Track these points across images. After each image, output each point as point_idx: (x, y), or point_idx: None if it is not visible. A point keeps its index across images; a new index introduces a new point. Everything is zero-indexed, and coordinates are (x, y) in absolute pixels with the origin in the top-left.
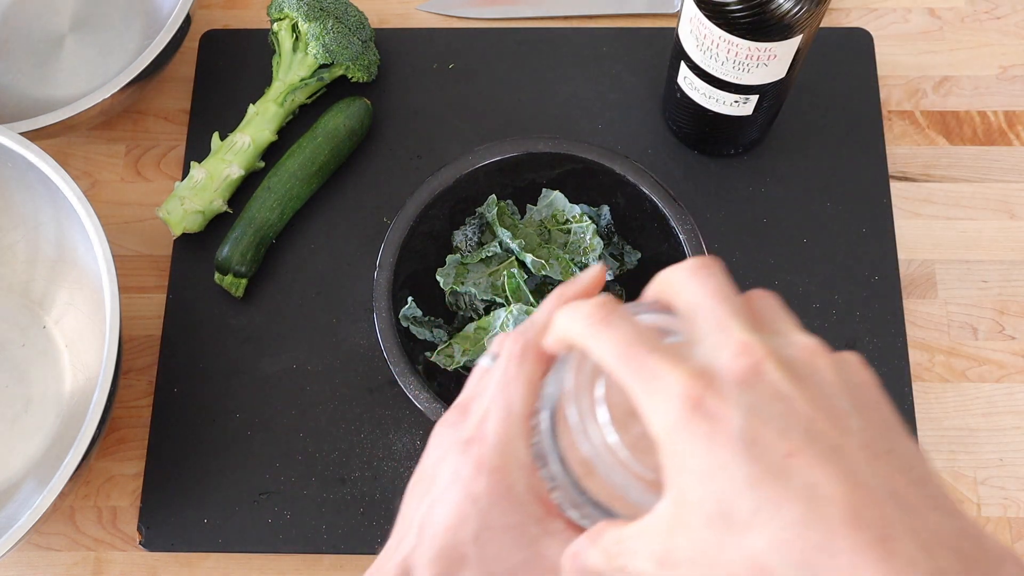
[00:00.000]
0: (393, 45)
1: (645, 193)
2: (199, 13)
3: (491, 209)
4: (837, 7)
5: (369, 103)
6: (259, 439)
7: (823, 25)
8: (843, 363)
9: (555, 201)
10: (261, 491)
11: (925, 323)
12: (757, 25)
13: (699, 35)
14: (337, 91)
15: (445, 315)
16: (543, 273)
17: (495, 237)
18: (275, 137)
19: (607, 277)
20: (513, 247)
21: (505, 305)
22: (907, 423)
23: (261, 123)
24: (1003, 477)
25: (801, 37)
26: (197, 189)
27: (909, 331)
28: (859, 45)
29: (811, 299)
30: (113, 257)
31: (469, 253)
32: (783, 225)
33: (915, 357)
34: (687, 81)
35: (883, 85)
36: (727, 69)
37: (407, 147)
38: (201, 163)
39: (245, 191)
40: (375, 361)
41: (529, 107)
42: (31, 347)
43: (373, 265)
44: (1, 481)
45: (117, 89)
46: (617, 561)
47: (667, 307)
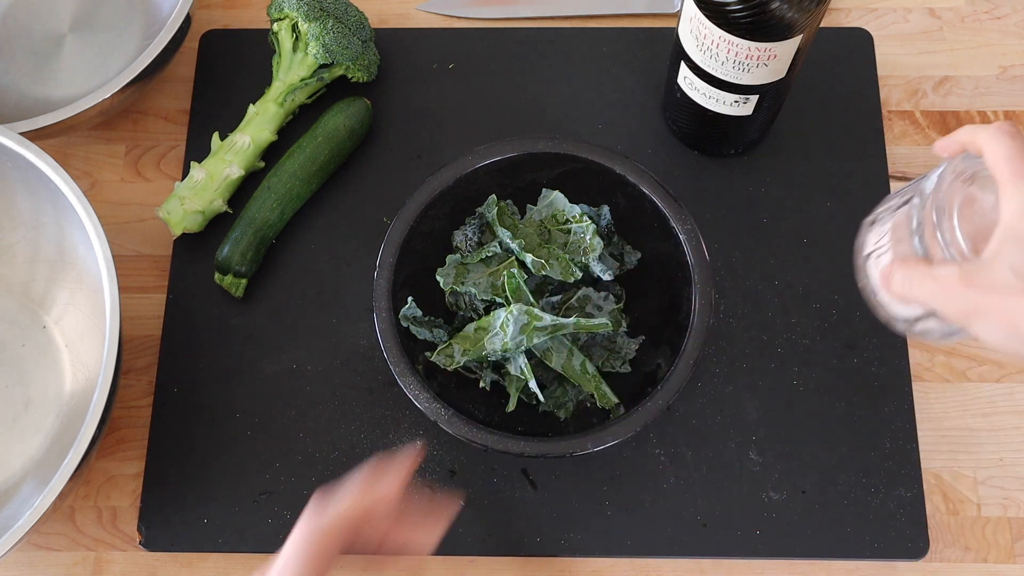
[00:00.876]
0: (393, 45)
1: (645, 193)
2: (199, 13)
3: (491, 209)
4: (837, 7)
5: (369, 103)
6: (259, 439)
7: (823, 25)
8: None
9: (555, 201)
10: (261, 491)
11: None
12: (757, 25)
13: (699, 35)
14: (337, 91)
15: (445, 315)
16: (543, 273)
17: (495, 237)
18: (275, 137)
19: (607, 277)
20: (513, 247)
21: (505, 305)
22: (907, 423)
23: (261, 123)
24: (1003, 477)
25: (801, 37)
26: (197, 189)
27: None
28: (859, 45)
29: (811, 299)
30: (113, 257)
31: (469, 253)
32: (783, 225)
33: (915, 357)
34: (687, 81)
35: (883, 85)
36: (727, 69)
37: (407, 147)
38: (201, 163)
39: (245, 191)
40: (375, 361)
41: (529, 107)
42: (31, 347)
43: (373, 265)
44: (1, 481)
45: (117, 89)
46: (945, 291)
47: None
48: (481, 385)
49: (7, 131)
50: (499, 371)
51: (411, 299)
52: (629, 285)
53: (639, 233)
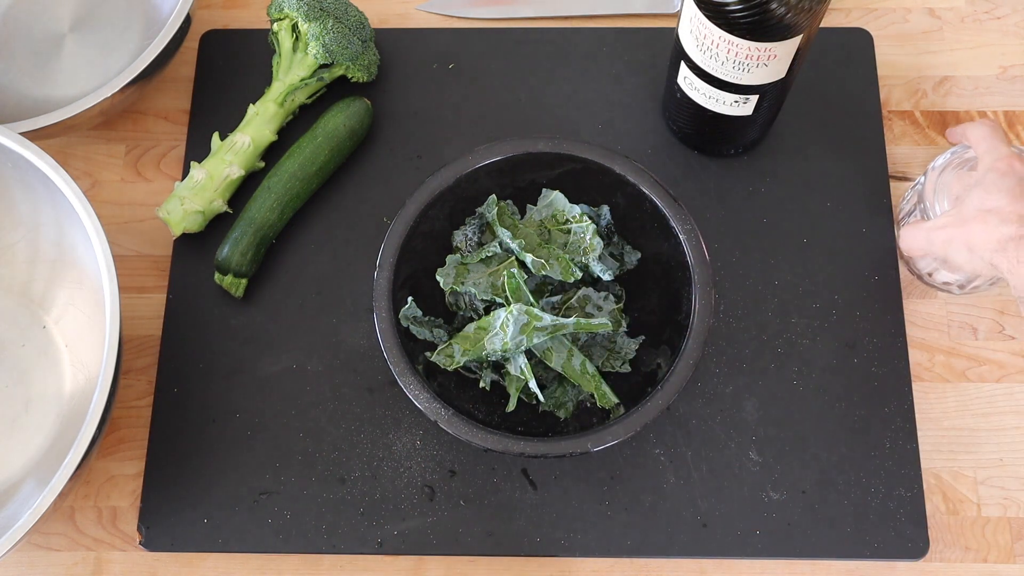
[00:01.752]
0: (393, 45)
1: (645, 193)
2: (199, 13)
3: (491, 209)
4: (837, 7)
5: (369, 103)
6: (259, 439)
7: (823, 25)
8: None
9: (555, 201)
10: (261, 491)
11: (925, 323)
12: (757, 25)
13: (699, 35)
14: (337, 91)
15: (445, 315)
16: (543, 273)
17: (495, 237)
18: (275, 137)
19: (607, 277)
20: (513, 247)
21: (505, 305)
22: (907, 423)
23: (261, 123)
24: (1003, 477)
25: (801, 37)
26: (197, 189)
27: (909, 331)
28: (859, 45)
29: (811, 299)
30: (113, 257)
31: (469, 253)
32: (783, 225)
33: (915, 357)
34: (687, 81)
35: (883, 85)
36: (727, 69)
37: (407, 147)
38: (201, 163)
39: (245, 191)
40: (375, 361)
41: (529, 107)
42: (31, 347)
43: (373, 265)
44: (1, 481)
45: (117, 89)
46: (929, 235)
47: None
48: (481, 385)
49: (7, 131)
50: (499, 371)
51: (411, 299)
52: (629, 285)
53: (639, 233)
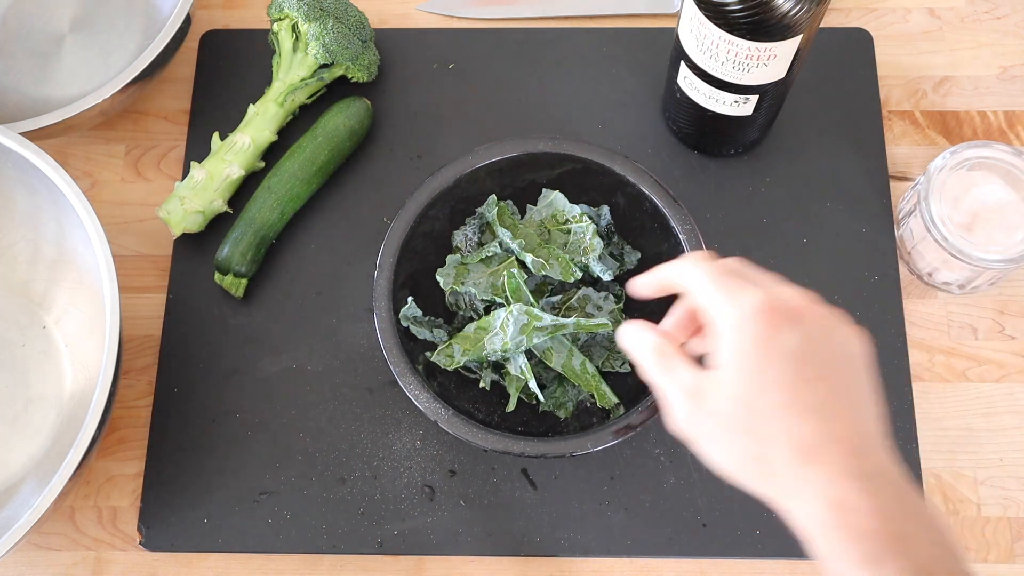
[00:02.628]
0: (393, 45)
1: (645, 193)
2: (199, 13)
3: (491, 209)
4: (837, 7)
5: (369, 103)
6: (259, 439)
7: (823, 25)
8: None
9: (555, 201)
10: (261, 491)
11: (925, 323)
12: (757, 25)
13: (699, 35)
14: (337, 91)
15: (445, 315)
16: (543, 273)
17: (495, 237)
18: (275, 137)
19: (607, 277)
20: (513, 247)
21: (505, 305)
22: (907, 423)
23: (261, 123)
24: (1003, 477)
25: (801, 37)
26: (197, 189)
27: (909, 331)
28: (859, 45)
29: None
30: (113, 257)
31: (469, 253)
32: (783, 225)
33: (915, 357)
34: (687, 81)
35: (883, 85)
36: (727, 69)
37: (407, 147)
38: (201, 163)
39: (245, 191)
40: (375, 361)
41: (529, 107)
42: (31, 347)
43: (373, 265)
44: (1, 481)
45: (117, 89)
46: (668, 374)
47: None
48: (481, 385)
49: (7, 131)
50: (499, 371)
51: (411, 299)
52: None
53: (639, 233)
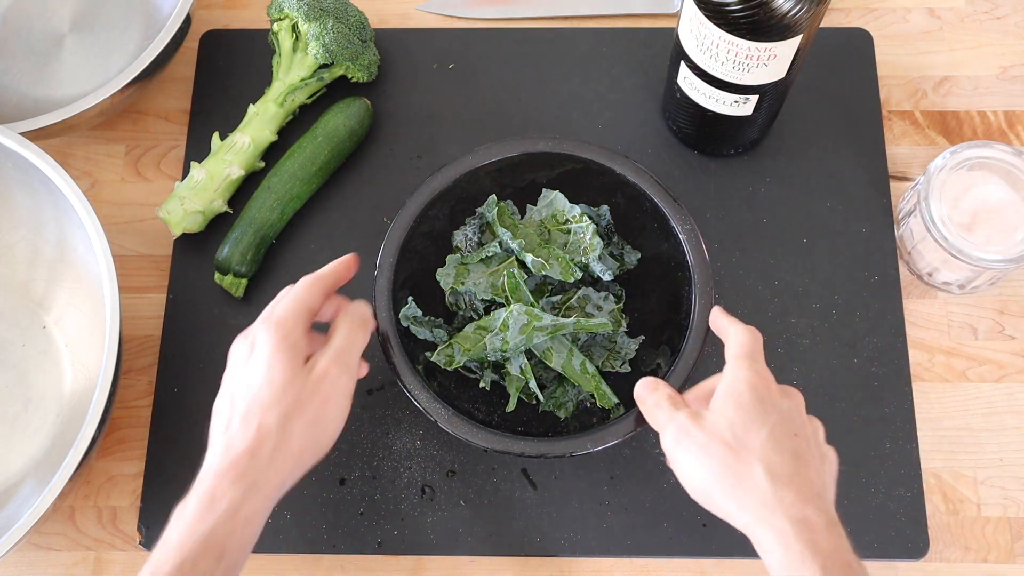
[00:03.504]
0: (393, 45)
1: (645, 193)
2: (199, 13)
3: (491, 209)
4: (837, 7)
5: (369, 103)
6: None
7: (823, 25)
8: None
9: (555, 201)
10: None
11: (925, 323)
12: (757, 25)
13: (699, 35)
14: (337, 91)
15: (445, 315)
16: (543, 273)
17: (495, 237)
18: (275, 137)
19: (607, 277)
20: (513, 247)
21: (505, 305)
22: (907, 423)
23: (261, 123)
24: (1003, 477)
25: (801, 37)
26: (197, 189)
27: (909, 331)
28: (859, 45)
29: (811, 299)
30: (113, 257)
31: (469, 253)
32: (783, 225)
33: (915, 357)
34: (687, 81)
35: (883, 85)
36: (727, 69)
37: (407, 147)
38: (201, 163)
39: (245, 191)
40: (375, 361)
41: (529, 107)
42: (31, 347)
43: (373, 265)
44: (1, 481)
45: (117, 89)
46: (658, 413)
47: None
48: (481, 385)
49: (7, 131)
50: (499, 371)
51: (411, 299)
52: (629, 285)
53: (639, 233)
